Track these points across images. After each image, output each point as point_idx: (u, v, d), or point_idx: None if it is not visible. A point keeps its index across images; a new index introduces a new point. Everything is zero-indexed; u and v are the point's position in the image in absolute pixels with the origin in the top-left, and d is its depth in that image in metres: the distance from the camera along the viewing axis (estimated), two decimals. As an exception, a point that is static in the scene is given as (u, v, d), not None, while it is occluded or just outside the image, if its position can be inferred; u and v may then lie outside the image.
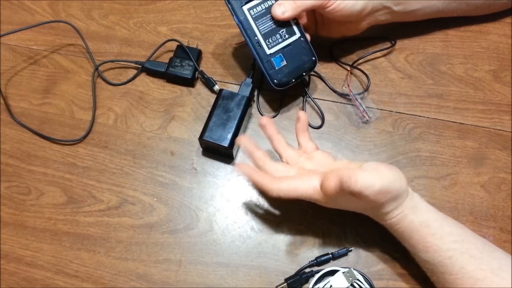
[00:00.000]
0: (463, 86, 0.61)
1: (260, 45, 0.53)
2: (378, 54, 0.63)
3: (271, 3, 0.54)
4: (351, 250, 0.52)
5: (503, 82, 0.61)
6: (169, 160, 0.58)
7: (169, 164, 0.57)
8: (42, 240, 0.54)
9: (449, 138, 0.58)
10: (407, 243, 0.47)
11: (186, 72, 0.61)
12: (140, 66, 0.63)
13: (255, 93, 0.60)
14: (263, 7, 0.54)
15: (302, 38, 0.55)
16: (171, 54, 0.63)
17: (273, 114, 0.59)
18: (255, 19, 0.53)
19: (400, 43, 0.64)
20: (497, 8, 0.64)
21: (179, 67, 0.61)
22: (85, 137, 0.59)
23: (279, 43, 0.54)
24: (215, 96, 0.58)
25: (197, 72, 0.62)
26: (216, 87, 0.61)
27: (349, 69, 0.61)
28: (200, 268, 0.52)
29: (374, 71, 0.62)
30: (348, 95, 0.59)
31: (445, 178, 0.56)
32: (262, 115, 0.59)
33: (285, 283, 0.50)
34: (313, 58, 0.56)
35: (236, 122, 0.55)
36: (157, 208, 0.55)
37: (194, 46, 0.63)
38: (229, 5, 0.53)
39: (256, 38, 0.53)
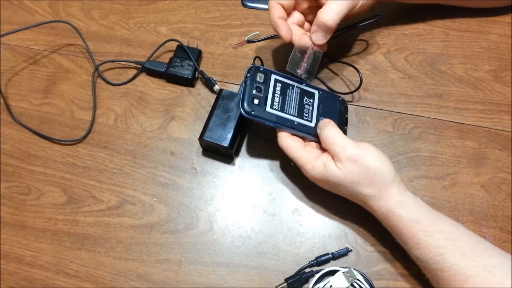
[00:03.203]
0: (463, 86, 0.61)
1: (304, 125, 0.51)
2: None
3: (279, 87, 0.52)
4: (351, 250, 0.52)
5: (503, 82, 0.61)
6: (169, 160, 0.58)
7: (169, 164, 0.57)
8: (42, 240, 0.54)
9: (449, 138, 0.58)
10: (399, 238, 0.48)
11: (186, 72, 0.61)
12: (140, 66, 0.63)
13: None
14: (278, 94, 0.52)
15: (321, 92, 0.55)
16: (171, 54, 0.63)
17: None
18: (282, 109, 0.51)
19: (400, 43, 0.64)
20: (495, 3, 0.64)
21: (179, 67, 0.61)
22: (85, 137, 0.59)
23: (312, 110, 0.53)
24: (215, 96, 0.58)
25: (197, 72, 0.62)
26: (216, 87, 0.61)
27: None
28: (200, 268, 0.52)
29: (374, 71, 0.62)
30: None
31: (445, 178, 0.56)
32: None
33: (285, 283, 0.50)
34: (341, 99, 0.56)
35: (236, 122, 0.55)
36: (157, 208, 0.55)
37: (194, 46, 0.63)
38: (256, 118, 0.50)
39: (296, 123, 0.51)
